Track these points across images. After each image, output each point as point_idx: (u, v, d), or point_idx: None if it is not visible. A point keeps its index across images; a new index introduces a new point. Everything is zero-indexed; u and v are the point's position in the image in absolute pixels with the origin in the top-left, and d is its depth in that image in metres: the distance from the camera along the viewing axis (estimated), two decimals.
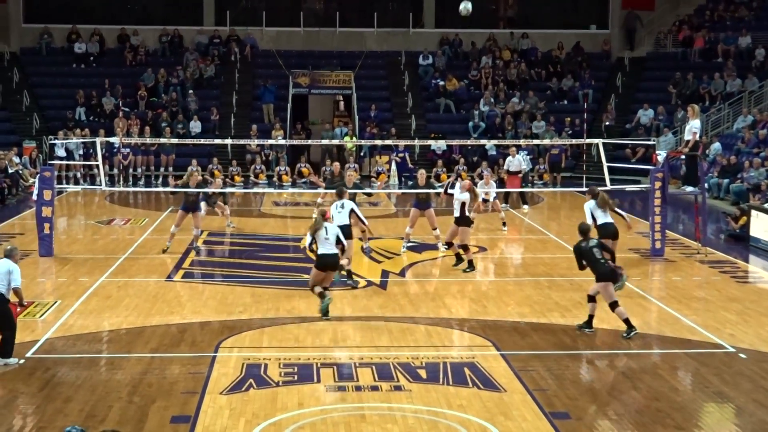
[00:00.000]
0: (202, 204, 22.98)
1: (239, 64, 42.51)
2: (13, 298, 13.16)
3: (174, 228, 21.19)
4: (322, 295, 15.50)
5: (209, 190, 24.40)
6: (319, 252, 15.59)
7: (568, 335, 14.59)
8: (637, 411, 11.38)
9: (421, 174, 22.32)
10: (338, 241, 15.67)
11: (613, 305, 14.48)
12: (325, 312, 15.41)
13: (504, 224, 24.48)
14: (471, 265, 19.11)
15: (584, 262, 14.69)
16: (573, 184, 34.10)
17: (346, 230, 17.05)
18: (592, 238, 14.91)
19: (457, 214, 19.17)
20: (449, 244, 19.57)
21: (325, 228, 15.57)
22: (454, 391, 11.93)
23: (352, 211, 18.03)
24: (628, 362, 13.27)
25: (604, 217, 18.16)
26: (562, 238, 23.34)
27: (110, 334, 14.66)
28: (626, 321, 14.41)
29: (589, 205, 18.33)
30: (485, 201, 24.84)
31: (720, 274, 19.40)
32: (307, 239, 15.86)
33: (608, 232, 17.97)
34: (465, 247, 19.07)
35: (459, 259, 19.35)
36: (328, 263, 15.60)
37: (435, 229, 21.35)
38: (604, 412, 11.34)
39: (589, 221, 17.71)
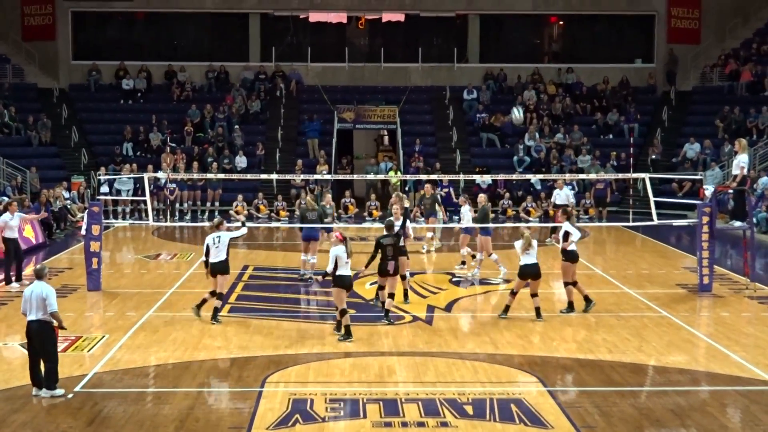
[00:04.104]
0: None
1: (285, 100, 42.84)
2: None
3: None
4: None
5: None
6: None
7: (616, 371, 14.47)
8: None
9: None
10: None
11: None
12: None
13: (463, 263, 23.75)
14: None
15: (377, 253, 17.45)
16: (619, 219, 33.91)
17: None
18: (391, 236, 17.53)
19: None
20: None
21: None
22: (500, 428, 11.87)
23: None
24: (677, 399, 13.13)
25: (527, 258, 17.91)
26: (609, 273, 23.21)
27: (157, 368, 14.74)
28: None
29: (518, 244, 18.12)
30: (467, 231, 23.35)
31: None
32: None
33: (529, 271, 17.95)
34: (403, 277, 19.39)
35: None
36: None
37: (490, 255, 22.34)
38: None
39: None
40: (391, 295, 17.73)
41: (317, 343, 16.26)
